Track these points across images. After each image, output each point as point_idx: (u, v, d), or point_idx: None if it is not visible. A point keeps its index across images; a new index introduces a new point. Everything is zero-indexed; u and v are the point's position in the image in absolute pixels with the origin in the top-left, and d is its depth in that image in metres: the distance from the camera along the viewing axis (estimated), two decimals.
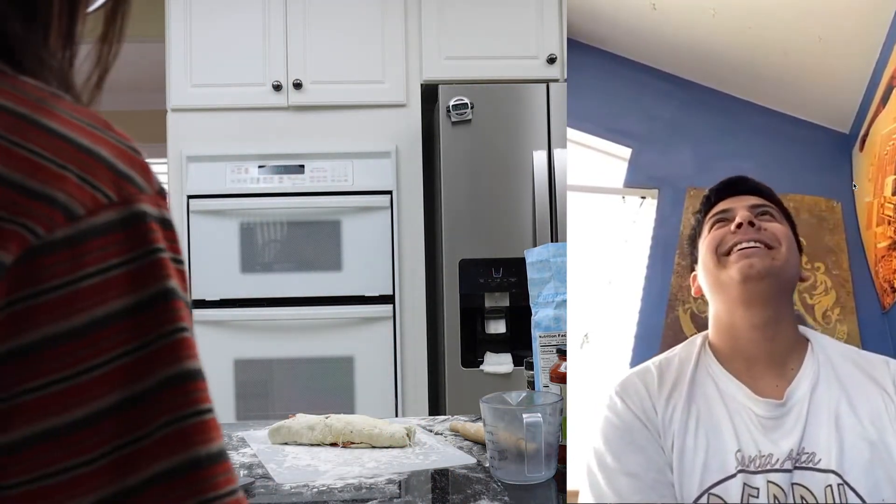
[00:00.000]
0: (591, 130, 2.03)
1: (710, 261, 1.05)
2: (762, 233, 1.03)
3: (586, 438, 0.98)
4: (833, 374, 0.99)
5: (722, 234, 1.06)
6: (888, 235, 1.75)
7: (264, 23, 3.02)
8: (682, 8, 1.90)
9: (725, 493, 0.92)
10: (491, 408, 1.08)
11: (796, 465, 0.92)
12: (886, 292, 1.77)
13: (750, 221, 1.04)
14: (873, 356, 1.02)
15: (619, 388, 1.02)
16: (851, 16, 1.79)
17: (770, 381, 1.00)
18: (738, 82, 2.04)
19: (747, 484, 0.92)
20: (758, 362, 1.01)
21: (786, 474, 0.91)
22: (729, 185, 1.12)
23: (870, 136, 1.87)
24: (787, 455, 0.92)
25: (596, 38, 2.05)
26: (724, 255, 1.04)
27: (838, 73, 1.91)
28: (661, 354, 1.06)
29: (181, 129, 3.01)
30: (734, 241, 1.03)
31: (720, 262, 1.04)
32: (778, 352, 1.01)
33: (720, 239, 1.05)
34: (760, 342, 1.01)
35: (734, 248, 1.03)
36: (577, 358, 1.22)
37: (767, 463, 0.93)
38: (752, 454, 0.94)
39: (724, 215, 1.08)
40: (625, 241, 2.06)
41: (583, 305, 1.78)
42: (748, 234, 1.03)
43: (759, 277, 0.99)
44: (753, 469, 0.93)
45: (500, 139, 2.91)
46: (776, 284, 1.01)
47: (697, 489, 0.92)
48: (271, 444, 1.30)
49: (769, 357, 1.01)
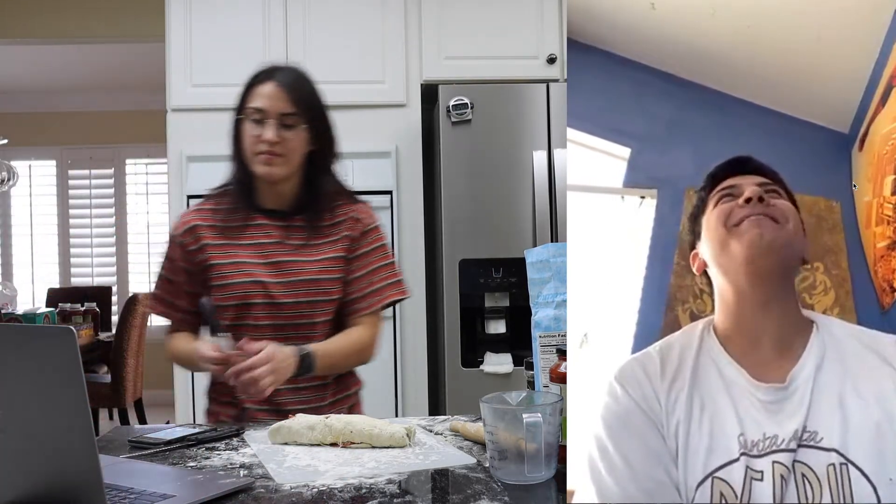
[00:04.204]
0: (590, 130, 2.03)
1: (720, 230, 1.04)
2: (771, 208, 1.03)
3: (586, 438, 0.99)
4: (839, 354, 0.99)
5: (730, 207, 1.05)
6: (887, 235, 1.75)
7: (264, 23, 3.02)
8: (682, 8, 1.90)
9: (729, 475, 0.92)
10: (491, 408, 1.08)
11: (800, 444, 0.93)
12: (885, 292, 1.77)
13: (759, 196, 1.03)
14: (883, 336, 1.02)
15: (619, 374, 1.02)
16: (851, 16, 1.79)
17: (774, 362, 1.00)
18: (738, 82, 2.04)
19: (750, 467, 0.92)
20: (762, 343, 1.01)
21: (790, 454, 0.92)
22: (735, 163, 1.12)
23: (869, 136, 1.87)
24: (793, 435, 0.93)
25: (596, 38, 2.05)
26: (734, 226, 1.03)
27: (838, 72, 1.91)
28: (660, 340, 1.06)
29: (181, 129, 3.01)
30: (744, 214, 1.03)
31: (730, 232, 1.03)
32: (779, 330, 1.01)
33: (729, 212, 1.05)
34: (765, 321, 1.01)
35: (743, 221, 1.02)
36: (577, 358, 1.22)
37: (773, 444, 0.93)
38: (756, 438, 0.94)
39: (731, 191, 1.07)
40: (624, 240, 2.06)
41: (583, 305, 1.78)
42: (757, 209, 1.03)
43: (767, 249, 0.99)
44: (757, 452, 0.93)
45: (500, 139, 2.91)
46: (782, 260, 1.01)
47: (702, 472, 0.93)
48: (271, 444, 1.30)
49: (774, 338, 1.01)
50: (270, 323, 1.60)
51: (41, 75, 5.82)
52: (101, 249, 6.33)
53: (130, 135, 6.14)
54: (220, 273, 1.61)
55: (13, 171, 4.82)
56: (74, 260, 6.32)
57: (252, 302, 1.60)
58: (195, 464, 1.20)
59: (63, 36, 4.16)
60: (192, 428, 1.37)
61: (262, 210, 1.65)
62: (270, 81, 1.61)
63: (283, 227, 1.64)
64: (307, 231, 1.64)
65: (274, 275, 1.60)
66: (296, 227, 1.65)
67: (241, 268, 1.61)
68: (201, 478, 1.10)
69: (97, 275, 6.30)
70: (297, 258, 1.62)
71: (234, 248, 1.62)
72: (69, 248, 6.32)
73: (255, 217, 1.64)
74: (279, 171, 1.60)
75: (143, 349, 4.28)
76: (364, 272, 1.67)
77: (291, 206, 1.66)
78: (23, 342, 0.92)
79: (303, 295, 1.61)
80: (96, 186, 6.34)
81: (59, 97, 6.27)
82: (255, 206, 1.65)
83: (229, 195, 1.67)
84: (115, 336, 4.08)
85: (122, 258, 6.33)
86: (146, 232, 6.31)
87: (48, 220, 6.32)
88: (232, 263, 1.61)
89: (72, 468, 0.91)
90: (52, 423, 0.91)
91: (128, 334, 4.05)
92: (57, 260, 6.31)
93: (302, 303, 1.61)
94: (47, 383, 0.90)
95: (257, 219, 1.64)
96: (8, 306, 4.50)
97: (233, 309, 1.60)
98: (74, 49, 4.97)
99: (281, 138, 1.58)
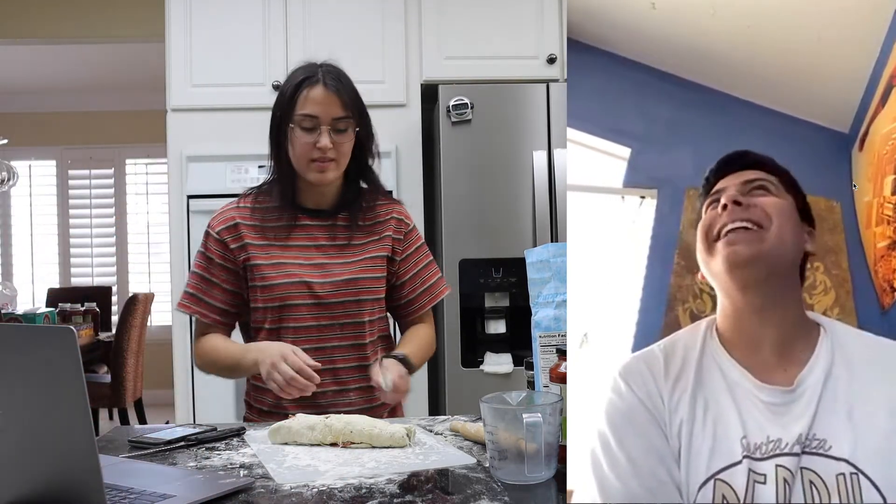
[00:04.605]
0: (590, 130, 2.03)
1: (702, 248, 1.03)
2: (750, 211, 1.00)
3: (587, 436, 0.99)
4: (847, 360, 0.97)
5: (711, 217, 1.03)
6: (887, 235, 1.75)
7: (264, 23, 3.02)
8: (682, 8, 1.90)
9: (731, 478, 0.92)
10: (491, 408, 1.08)
11: (805, 449, 0.91)
12: (886, 292, 1.77)
13: (735, 201, 1.00)
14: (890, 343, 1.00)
15: (623, 371, 1.01)
16: (851, 16, 1.79)
17: (777, 365, 0.99)
18: (738, 82, 2.04)
19: (753, 470, 0.91)
20: (763, 347, 1.00)
21: (795, 458, 0.91)
22: (726, 163, 1.08)
23: (869, 136, 1.87)
24: (797, 439, 0.92)
25: (596, 38, 2.05)
26: (713, 240, 1.01)
27: (838, 72, 1.91)
28: (663, 339, 1.05)
29: (181, 129, 3.01)
30: (721, 224, 1.01)
31: (710, 249, 1.02)
32: (784, 336, 1.00)
33: (710, 222, 1.03)
34: (763, 327, 0.99)
35: (721, 232, 1.00)
36: (577, 358, 1.22)
37: (777, 448, 0.92)
38: (759, 441, 0.93)
39: (717, 196, 1.05)
40: (624, 240, 2.06)
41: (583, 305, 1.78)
42: (734, 215, 1.00)
43: (745, 264, 0.97)
44: (760, 455, 0.92)
45: (500, 139, 2.91)
46: (766, 268, 0.98)
47: (704, 473, 0.92)
48: (271, 444, 1.30)
49: (774, 342, 0.99)
50: (314, 324, 1.59)
51: (41, 75, 5.82)
52: (101, 249, 6.33)
53: (130, 135, 6.14)
54: (263, 274, 1.59)
55: (13, 171, 4.82)
56: (74, 260, 6.32)
57: (295, 303, 1.58)
58: (195, 464, 1.20)
59: (63, 36, 4.17)
60: (192, 428, 1.37)
61: (305, 209, 1.64)
62: (319, 85, 1.59)
63: (327, 226, 1.64)
64: (351, 230, 1.64)
65: (319, 275, 1.59)
66: (339, 226, 1.64)
67: (284, 268, 1.59)
68: (201, 478, 1.10)
69: (97, 275, 6.30)
70: (341, 258, 1.62)
71: (278, 248, 1.60)
72: (69, 248, 6.32)
73: (298, 217, 1.63)
74: (332, 176, 1.60)
75: (143, 349, 4.28)
76: (413, 272, 1.70)
77: (333, 205, 1.65)
78: (23, 342, 0.92)
79: (350, 294, 1.60)
80: (96, 186, 6.34)
81: (59, 97, 6.26)
82: (297, 206, 1.64)
83: (267, 194, 1.65)
84: (115, 336, 4.08)
85: (122, 258, 6.33)
86: (146, 232, 6.31)
87: (48, 220, 6.32)
88: (275, 264, 1.59)
89: (72, 468, 0.91)
90: (52, 423, 0.91)
91: (128, 334, 4.05)
92: (57, 260, 6.31)
93: (349, 302, 1.60)
94: (47, 383, 0.90)
95: (301, 219, 1.63)
96: (8, 306, 4.50)
97: (275, 311, 1.59)
98: (74, 49, 4.97)
99: (333, 143, 1.57)
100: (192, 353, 1.71)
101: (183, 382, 2.95)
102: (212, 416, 2.83)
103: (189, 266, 2.94)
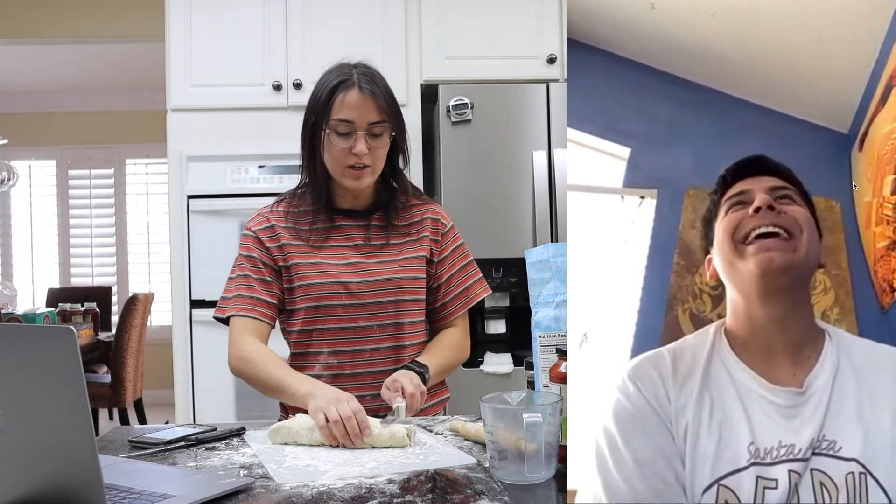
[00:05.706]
0: (590, 130, 2.03)
1: (728, 247, 1.01)
2: (782, 217, 0.99)
3: (587, 437, 0.98)
4: (852, 365, 0.98)
5: (739, 217, 1.02)
6: (887, 235, 1.75)
7: (264, 23, 3.02)
8: (682, 8, 1.90)
9: (737, 485, 0.91)
10: (491, 408, 1.08)
11: (815, 451, 0.91)
12: (885, 292, 1.77)
13: (769, 205, 0.99)
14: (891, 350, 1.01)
15: (632, 372, 1.00)
16: (851, 15, 1.79)
17: (787, 369, 0.99)
18: (738, 82, 2.04)
19: (762, 476, 0.91)
20: (775, 352, 1.00)
21: (806, 463, 0.91)
22: (746, 165, 1.07)
23: (869, 136, 1.87)
24: (809, 444, 0.91)
25: (596, 38, 2.05)
26: (741, 241, 1.00)
27: (837, 72, 1.91)
28: (672, 343, 1.05)
29: (181, 129, 3.01)
30: (752, 226, 0.99)
31: (737, 249, 1.00)
32: (794, 340, 1.00)
33: (737, 223, 1.01)
34: (778, 333, 0.99)
35: (752, 234, 0.99)
36: (577, 358, 1.22)
37: (789, 453, 0.92)
38: (770, 446, 0.92)
39: (742, 197, 1.04)
40: (624, 240, 2.06)
41: (583, 305, 1.78)
42: (767, 219, 0.99)
43: (780, 272, 0.97)
44: (771, 461, 0.91)
45: (500, 139, 2.91)
46: (796, 277, 0.98)
47: (709, 478, 0.92)
48: (271, 445, 1.30)
49: (785, 346, 1.00)
50: (351, 325, 1.57)
51: (41, 75, 5.82)
52: (101, 249, 6.33)
53: (130, 135, 6.14)
54: (301, 273, 1.57)
55: (13, 171, 4.82)
56: (74, 260, 6.32)
57: (332, 304, 1.56)
58: (195, 464, 1.20)
59: (63, 36, 4.16)
60: (192, 428, 1.37)
61: (340, 210, 1.62)
62: (354, 89, 1.54)
63: (363, 226, 1.62)
64: (387, 231, 1.62)
65: (356, 274, 1.57)
66: (375, 226, 1.62)
67: (322, 268, 1.57)
68: (201, 478, 1.10)
69: (97, 275, 6.30)
70: (379, 258, 1.60)
71: (314, 249, 1.59)
72: (69, 248, 6.32)
73: (335, 219, 1.61)
74: (369, 181, 1.58)
75: (143, 349, 4.28)
76: (450, 274, 1.66)
77: (368, 206, 1.63)
78: (23, 342, 0.92)
79: (388, 294, 1.57)
80: (96, 186, 6.34)
81: (59, 97, 6.26)
82: (332, 208, 1.62)
83: (301, 199, 1.63)
84: (115, 336, 4.08)
85: (122, 258, 6.33)
86: (146, 232, 6.31)
87: (48, 220, 6.32)
88: (313, 264, 1.57)
89: (72, 468, 0.91)
90: (52, 423, 0.91)
91: (128, 334, 4.05)
92: (57, 260, 6.31)
93: (388, 302, 1.58)
94: (47, 383, 0.90)
95: (337, 220, 1.61)
96: (8, 306, 4.50)
97: (310, 311, 1.56)
98: (74, 49, 4.97)
99: (369, 148, 1.54)
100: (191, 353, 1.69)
101: (183, 382, 2.95)
102: (212, 416, 2.83)
103: (189, 266, 2.94)
